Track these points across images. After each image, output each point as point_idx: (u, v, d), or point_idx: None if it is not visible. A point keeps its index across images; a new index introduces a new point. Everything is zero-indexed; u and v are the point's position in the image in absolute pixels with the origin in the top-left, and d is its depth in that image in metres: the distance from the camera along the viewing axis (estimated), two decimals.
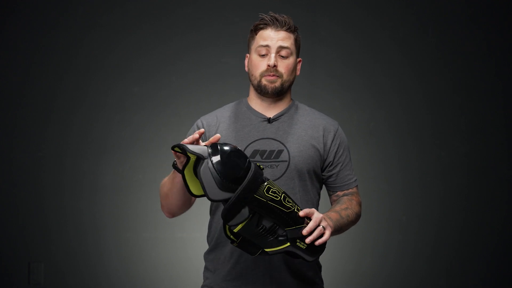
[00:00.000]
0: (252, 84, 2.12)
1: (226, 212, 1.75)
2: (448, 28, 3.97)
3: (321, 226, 1.83)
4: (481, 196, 3.93)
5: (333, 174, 2.12)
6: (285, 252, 1.82)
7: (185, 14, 3.93)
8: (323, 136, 2.12)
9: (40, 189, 3.85)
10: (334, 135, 2.13)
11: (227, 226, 1.82)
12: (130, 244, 3.86)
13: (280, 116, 2.12)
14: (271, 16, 2.09)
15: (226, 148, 1.79)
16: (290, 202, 1.81)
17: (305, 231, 1.80)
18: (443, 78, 3.97)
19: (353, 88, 3.96)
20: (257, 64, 2.08)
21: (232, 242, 1.83)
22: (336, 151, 2.13)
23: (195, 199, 2.07)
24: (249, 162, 1.79)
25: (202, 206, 2.39)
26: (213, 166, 1.75)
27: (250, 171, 1.77)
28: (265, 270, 2.04)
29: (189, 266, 3.68)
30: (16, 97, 3.87)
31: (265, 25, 2.09)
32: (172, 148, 1.82)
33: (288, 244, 1.80)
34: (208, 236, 2.15)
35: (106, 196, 3.86)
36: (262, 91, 2.09)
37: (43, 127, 3.87)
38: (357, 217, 2.11)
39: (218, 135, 1.83)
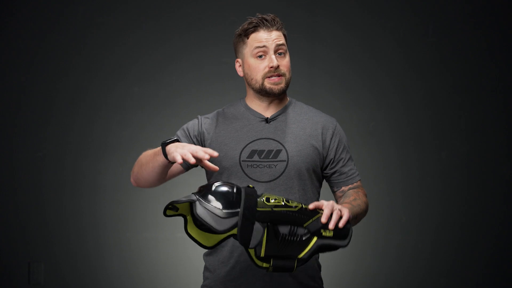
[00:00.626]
0: (253, 88, 2.11)
1: (241, 235, 1.73)
2: (448, 28, 3.97)
3: (337, 209, 1.80)
4: (481, 196, 3.93)
5: (336, 171, 2.12)
6: (318, 249, 1.77)
7: (185, 14, 3.93)
8: (322, 134, 2.11)
9: (40, 189, 3.85)
10: (333, 132, 2.13)
11: (254, 258, 1.78)
12: (130, 244, 3.86)
13: (277, 116, 2.12)
14: (260, 17, 2.09)
15: (209, 184, 1.79)
16: (294, 202, 1.79)
17: (323, 219, 1.76)
18: (443, 78, 3.97)
19: (353, 88, 3.96)
20: (257, 67, 2.07)
21: (266, 269, 1.78)
22: (337, 147, 2.13)
23: (167, 179, 2.10)
24: (237, 186, 1.78)
25: None
26: (207, 203, 1.75)
27: (242, 191, 1.76)
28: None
29: (189, 266, 3.68)
30: (16, 97, 3.87)
31: (255, 27, 2.08)
32: (164, 213, 1.83)
33: (316, 238, 1.76)
34: None
35: (106, 196, 3.86)
36: (267, 93, 2.08)
37: (43, 127, 3.87)
38: (367, 206, 2.10)
39: (215, 153, 1.81)
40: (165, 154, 1.89)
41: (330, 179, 2.14)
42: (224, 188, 1.77)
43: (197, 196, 1.77)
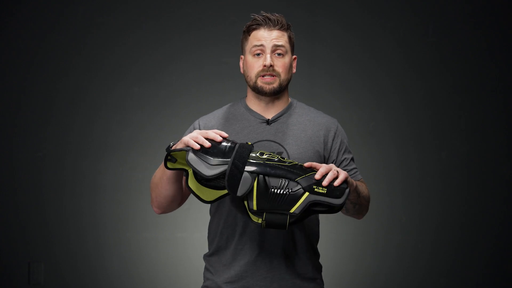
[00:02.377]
0: (249, 85, 2.11)
1: (228, 181, 1.76)
2: (448, 28, 3.97)
3: (333, 169, 1.81)
4: (481, 196, 3.93)
5: None
6: (310, 206, 1.77)
7: (185, 14, 3.93)
8: (324, 135, 2.11)
9: (40, 189, 3.85)
10: (335, 133, 2.13)
11: (248, 212, 1.80)
12: (130, 244, 3.86)
13: (278, 117, 2.11)
14: (263, 15, 2.08)
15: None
16: (288, 159, 1.82)
17: (317, 175, 1.78)
18: (443, 78, 3.97)
19: (353, 88, 3.96)
20: (252, 65, 2.07)
21: (261, 225, 1.80)
22: (339, 149, 2.12)
23: (187, 196, 2.08)
24: (233, 142, 1.83)
25: (202, 206, 2.39)
26: (199, 150, 1.80)
27: (236, 144, 1.81)
28: (266, 273, 2.04)
29: (189, 266, 3.68)
30: (16, 97, 3.87)
31: (257, 25, 2.08)
32: (166, 165, 1.89)
33: (307, 193, 1.76)
34: (208, 237, 2.15)
35: (106, 196, 3.86)
36: (259, 92, 2.08)
37: (43, 127, 3.87)
38: (369, 195, 2.10)
39: (224, 134, 1.86)
40: (167, 160, 1.89)
41: None
42: (220, 140, 1.83)
43: None
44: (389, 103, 3.96)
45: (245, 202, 1.80)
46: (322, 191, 1.77)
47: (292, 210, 1.77)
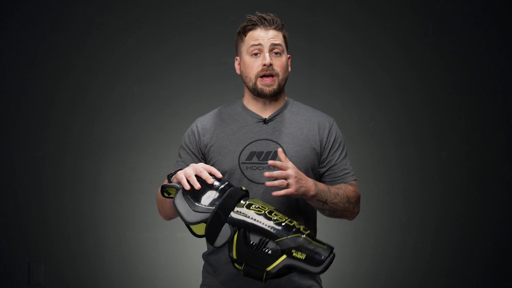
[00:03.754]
0: (247, 86, 2.11)
1: (207, 231, 1.76)
2: (448, 28, 3.97)
3: (290, 179, 1.84)
4: (481, 196, 3.93)
5: (328, 169, 2.11)
6: (286, 268, 1.75)
7: (185, 14, 3.93)
8: (319, 133, 2.11)
9: (40, 189, 3.85)
10: (329, 130, 2.12)
11: (230, 258, 1.80)
12: (130, 244, 3.86)
13: (275, 116, 2.11)
14: (259, 16, 2.09)
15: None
16: (278, 215, 1.77)
17: (266, 173, 1.83)
18: (443, 78, 3.97)
19: (353, 88, 3.96)
20: (251, 65, 2.07)
21: (239, 271, 1.80)
22: (331, 146, 2.12)
23: None
24: (228, 185, 1.80)
25: None
26: (186, 192, 1.80)
27: (226, 191, 1.78)
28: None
29: (189, 266, 3.68)
30: (16, 97, 3.87)
31: (253, 25, 2.08)
32: (163, 194, 1.90)
33: (285, 256, 1.73)
34: None
35: (106, 196, 3.86)
36: (259, 94, 2.08)
37: (43, 127, 3.87)
38: (349, 201, 2.04)
39: (219, 174, 1.85)
40: (163, 192, 1.91)
41: (323, 176, 2.12)
42: (211, 184, 1.81)
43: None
44: (389, 103, 3.96)
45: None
46: (300, 257, 1.73)
47: (268, 269, 1.75)
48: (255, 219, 1.75)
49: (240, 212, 1.76)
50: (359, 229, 3.85)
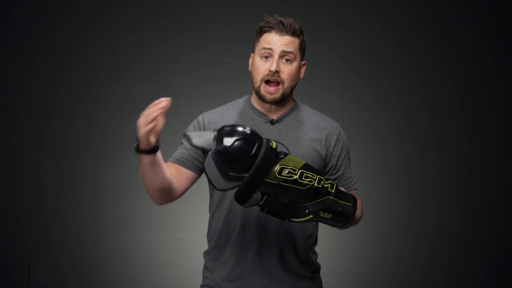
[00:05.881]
0: (253, 87, 2.10)
1: (237, 198, 1.74)
2: (448, 28, 3.97)
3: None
4: (481, 196, 3.93)
5: (336, 178, 2.12)
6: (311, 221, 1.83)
7: (185, 14, 3.93)
8: (326, 139, 2.11)
9: (40, 189, 3.85)
10: (337, 138, 2.13)
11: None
12: (130, 244, 3.86)
13: (283, 118, 2.11)
14: (277, 19, 2.05)
15: (231, 136, 1.73)
16: (308, 178, 1.75)
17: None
18: (443, 78, 3.97)
19: (353, 88, 3.96)
20: (259, 67, 2.05)
21: (262, 209, 1.82)
22: (339, 154, 2.12)
23: (182, 185, 2.04)
24: (258, 148, 1.72)
25: (202, 206, 2.40)
26: (218, 158, 1.72)
27: (258, 158, 1.71)
28: (264, 271, 2.05)
29: (189, 266, 3.68)
30: (16, 96, 3.87)
31: (270, 28, 2.05)
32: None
33: (311, 216, 1.80)
34: (208, 234, 2.15)
35: (106, 196, 3.86)
36: (260, 98, 2.08)
37: (43, 126, 3.87)
38: (362, 212, 2.11)
39: (168, 98, 1.85)
40: (140, 152, 1.91)
41: None
42: (242, 149, 1.71)
43: (214, 144, 1.73)
44: (389, 103, 3.96)
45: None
46: (327, 216, 1.80)
47: (293, 220, 1.82)
48: (286, 187, 1.73)
49: (273, 179, 1.72)
50: (359, 229, 3.85)
